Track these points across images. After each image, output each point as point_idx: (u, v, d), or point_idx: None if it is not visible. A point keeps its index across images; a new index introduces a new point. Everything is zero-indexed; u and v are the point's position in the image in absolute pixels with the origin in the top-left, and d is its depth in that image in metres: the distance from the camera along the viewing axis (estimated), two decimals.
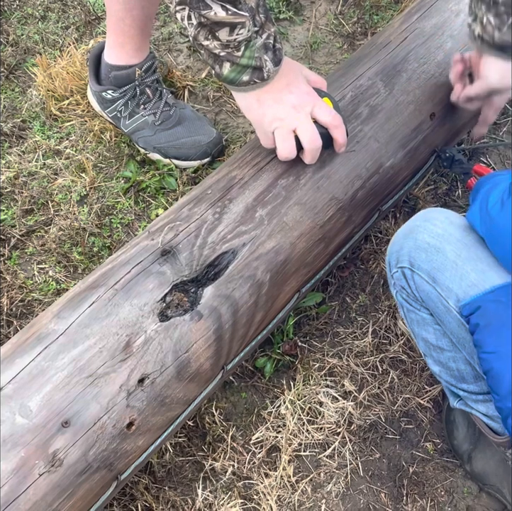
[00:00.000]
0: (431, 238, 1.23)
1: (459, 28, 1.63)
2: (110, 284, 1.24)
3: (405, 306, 1.32)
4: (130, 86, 1.75)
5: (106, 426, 1.14)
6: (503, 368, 1.12)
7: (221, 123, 1.91)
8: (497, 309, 1.14)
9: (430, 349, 1.32)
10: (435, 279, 1.21)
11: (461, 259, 1.19)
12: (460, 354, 1.26)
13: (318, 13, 2.14)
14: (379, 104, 1.51)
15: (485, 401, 1.27)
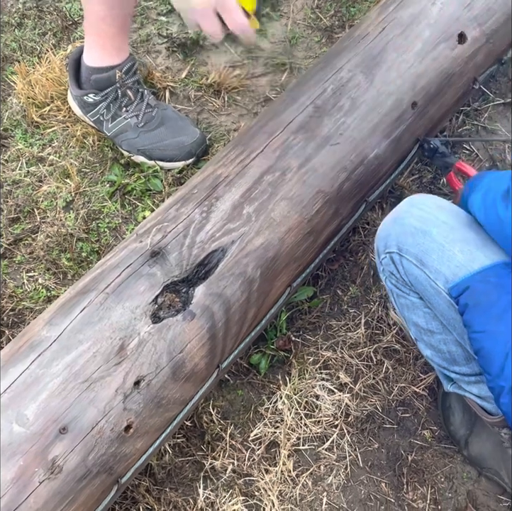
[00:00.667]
0: (418, 222, 1.24)
1: (436, 17, 1.64)
2: (101, 288, 1.24)
3: (395, 292, 1.33)
4: (112, 89, 1.74)
5: (104, 430, 1.14)
6: (493, 347, 1.13)
7: (204, 123, 1.90)
8: (485, 288, 1.14)
9: (421, 333, 1.33)
10: (423, 262, 1.22)
11: (448, 241, 1.20)
12: (451, 336, 1.27)
13: (295, 7, 2.14)
14: (361, 96, 1.51)
15: (477, 382, 1.28)
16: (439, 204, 1.27)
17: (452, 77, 1.63)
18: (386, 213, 1.71)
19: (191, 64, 2.00)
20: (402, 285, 1.29)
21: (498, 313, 1.12)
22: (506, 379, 1.12)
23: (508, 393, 1.13)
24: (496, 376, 1.14)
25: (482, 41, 1.69)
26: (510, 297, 1.12)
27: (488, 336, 1.13)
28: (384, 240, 1.30)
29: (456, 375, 1.32)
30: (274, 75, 1.99)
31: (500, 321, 1.12)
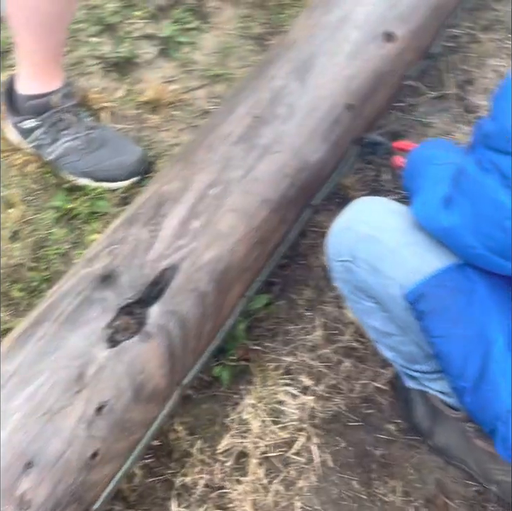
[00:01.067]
0: (368, 228, 1.24)
1: (363, 18, 1.67)
2: (54, 317, 1.23)
3: (350, 298, 1.33)
4: (49, 114, 1.73)
5: (70, 460, 1.13)
6: (452, 350, 1.15)
7: (145, 140, 1.90)
8: (441, 293, 1.15)
9: (379, 336, 1.35)
10: (376, 269, 1.22)
11: (400, 246, 1.20)
12: (409, 337, 1.28)
13: (224, 18, 2.15)
14: (296, 102, 1.53)
15: (438, 379, 1.30)
16: (387, 207, 1.27)
17: (383, 75, 1.67)
18: (332, 215, 1.73)
19: (126, 83, 2.00)
20: (357, 291, 1.30)
21: (454, 317, 1.14)
22: (467, 379, 1.14)
23: (470, 393, 1.15)
24: (457, 377, 1.16)
25: (409, 38, 1.73)
26: (465, 299, 1.14)
27: (447, 340, 1.15)
28: (335, 247, 1.30)
29: (417, 373, 1.34)
30: (210, 87, 2.01)
31: (457, 324, 1.14)
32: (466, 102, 1.97)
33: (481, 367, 1.13)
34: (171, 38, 2.08)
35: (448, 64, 2.02)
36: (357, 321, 1.57)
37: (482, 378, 1.13)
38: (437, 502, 1.40)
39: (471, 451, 1.37)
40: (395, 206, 1.27)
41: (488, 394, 1.13)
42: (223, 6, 2.17)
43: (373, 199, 1.33)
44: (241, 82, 1.63)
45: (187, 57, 2.06)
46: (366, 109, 1.65)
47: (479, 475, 1.39)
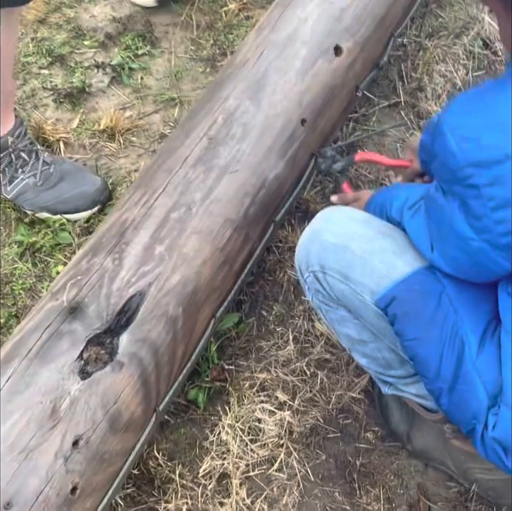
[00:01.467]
0: (335, 238, 1.25)
1: (310, 34, 1.68)
2: (23, 353, 1.21)
3: (323, 308, 1.34)
4: (5, 154, 1.71)
5: (50, 496, 1.12)
6: (427, 352, 1.16)
7: (103, 168, 1.90)
8: (411, 297, 1.17)
9: (353, 344, 1.35)
10: (347, 277, 1.24)
11: (367, 253, 1.22)
12: (383, 343, 1.29)
13: (174, 42, 2.16)
14: (251, 121, 1.54)
15: (414, 382, 1.31)
16: (351, 215, 1.29)
17: (334, 89, 1.68)
18: (295, 229, 1.75)
19: (81, 113, 1.99)
20: (329, 301, 1.31)
21: (426, 319, 1.16)
22: (444, 380, 1.16)
23: (446, 394, 1.16)
24: (433, 379, 1.17)
25: (357, 50, 1.75)
26: (435, 301, 1.15)
27: (421, 342, 1.16)
28: (304, 259, 1.30)
29: (393, 378, 1.35)
30: (165, 111, 2.01)
31: (429, 326, 1.15)
32: (417, 109, 2.00)
33: (456, 367, 1.14)
34: (123, 65, 2.07)
35: (398, 72, 2.05)
36: (327, 333, 1.58)
37: (458, 378, 1.14)
38: (420, 506, 1.41)
39: (449, 452, 1.38)
40: (358, 215, 1.29)
41: (464, 394, 1.15)
42: (171, 30, 2.18)
43: (337, 209, 1.34)
44: (195, 105, 1.63)
45: (140, 83, 2.06)
46: (321, 123, 1.66)
47: (459, 475, 1.40)
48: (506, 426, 1.11)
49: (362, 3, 1.76)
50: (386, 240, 1.23)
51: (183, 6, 2.22)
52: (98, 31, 2.15)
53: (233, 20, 2.18)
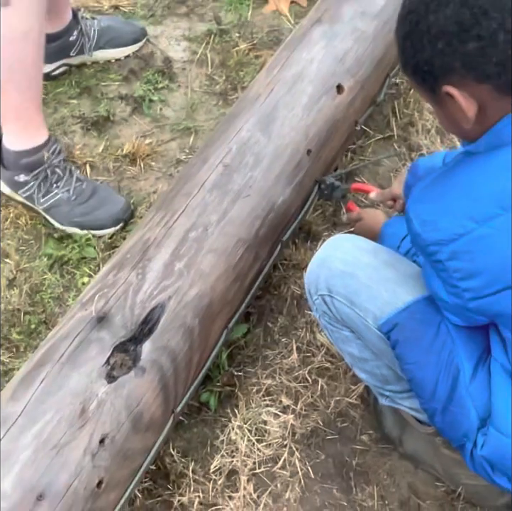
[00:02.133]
0: (343, 266, 1.25)
1: (315, 73, 1.70)
2: (56, 358, 1.21)
3: (329, 328, 1.34)
4: (41, 169, 1.71)
5: (78, 490, 1.11)
6: (424, 376, 1.17)
7: (125, 189, 1.90)
8: (412, 325, 1.18)
9: (355, 361, 1.35)
10: (352, 302, 1.24)
11: (373, 281, 1.22)
12: (382, 362, 1.29)
13: (190, 77, 2.17)
14: (262, 151, 1.54)
15: (409, 397, 1.31)
16: (358, 245, 1.29)
17: (336, 123, 1.69)
18: (299, 248, 1.76)
19: (105, 139, 1.99)
20: (335, 322, 1.30)
21: (425, 346, 1.16)
22: (438, 401, 1.16)
23: (440, 413, 1.17)
24: (428, 400, 1.18)
25: (357, 89, 1.76)
26: (434, 330, 1.16)
27: (419, 366, 1.17)
28: (314, 282, 1.30)
29: (390, 392, 1.35)
30: (181, 139, 2.01)
31: (428, 352, 1.16)
32: (409, 142, 2.01)
33: (450, 390, 1.15)
34: (144, 97, 2.08)
35: (391, 109, 2.06)
36: (327, 344, 1.58)
37: (451, 401, 1.15)
38: (410, 504, 1.41)
39: (438, 457, 1.38)
40: (365, 244, 1.29)
41: (457, 416, 1.15)
42: (188, 66, 2.19)
43: (346, 238, 1.34)
44: (212, 134, 1.64)
45: (159, 114, 2.07)
46: (324, 153, 1.67)
47: (446, 479, 1.40)
48: (494, 447, 1.13)
49: (362, 47, 1.78)
50: (389, 269, 1.24)
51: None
52: (122, 66, 2.16)
53: (243, 59, 2.19)
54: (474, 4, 0.94)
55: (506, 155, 0.99)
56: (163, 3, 2.33)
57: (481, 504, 1.38)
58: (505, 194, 0.98)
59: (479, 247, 1.01)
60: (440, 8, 0.96)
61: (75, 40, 2.02)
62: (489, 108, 1.00)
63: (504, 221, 0.98)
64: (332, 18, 1.79)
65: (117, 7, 2.30)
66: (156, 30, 2.26)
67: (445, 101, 1.02)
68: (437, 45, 0.97)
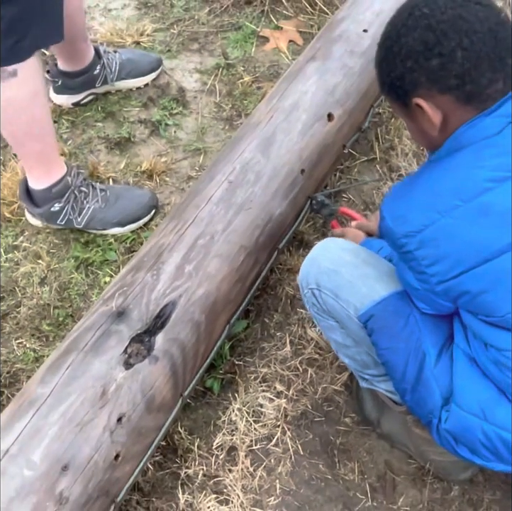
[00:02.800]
0: (330, 264, 1.27)
1: (309, 103, 1.70)
2: (80, 347, 1.22)
3: (317, 318, 1.35)
4: (70, 192, 1.70)
5: (98, 462, 1.12)
6: (395, 360, 1.18)
7: None
8: (385, 316, 1.19)
9: (339, 347, 1.36)
10: (337, 295, 1.25)
11: (354, 277, 1.24)
12: (362, 348, 1.30)
13: (201, 104, 2.17)
14: (262, 170, 1.55)
15: (385, 380, 1.31)
16: (343, 246, 1.31)
17: (327, 147, 1.70)
18: (293, 254, 1.76)
19: (126, 157, 2.00)
20: (322, 313, 1.31)
21: (396, 334, 1.17)
22: (407, 382, 1.17)
23: (409, 393, 1.18)
24: (399, 380, 1.19)
25: (345, 117, 1.77)
26: (404, 320, 1.17)
27: (391, 351, 1.18)
28: (305, 278, 1.32)
29: (369, 376, 1.35)
30: (192, 158, 2.02)
31: (398, 340, 1.17)
32: (390, 164, 2.01)
33: (417, 373, 1.15)
34: (160, 121, 2.08)
35: (375, 135, 2.07)
36: (317, 338, 1.59)
37: (419, 382, 1.16)
38: (387, 478, 1.41)
39: (410, 437, 1.38)
40: (349, 245, 1.31)
41: (423, 395, 1.16)
42: (199, 95, 2.19)
43: (333, 240, 1.37)
44: (218, 155, 1.64)
45: (173, 136, 2.07)
46: (316, 172, 1.68)
47: (416, 456, 1.41)
48: (456, 421, 1.13)
49: (350, 81, 1.78)
50: (368, 267, 1.25)
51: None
52: (142, 94, 2.17)
53: (247, 90, 2.19)
54: (436, 27, 1.00)
55: (464, 155, 1.03)
56: (178, 40, 2.34)
57: (447, 479, 1.39)
58: (464, 188, 1.01)
59: (442, 235, 1.02)
60: (409, 32, 1.02)
61: (98, 74, 2.03)
62: (451, 117, 1.04)
63: (463, 211, 1.01)
64: (325, 55, 1.80)
65: (138, 43, 2.30)
66: (172, 63, 2.27)
67: (416, 113, 1.07)
68: (407, 63, 1.03)
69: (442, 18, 1.00)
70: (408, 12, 1.04)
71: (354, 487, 1.40)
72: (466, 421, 1.12)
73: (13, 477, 1.05)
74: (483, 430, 1.11)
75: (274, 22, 2.39)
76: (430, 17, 1.01)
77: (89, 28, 2.33)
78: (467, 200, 1.00)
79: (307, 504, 1.38)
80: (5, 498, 1.03)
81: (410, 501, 1.38)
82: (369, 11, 1.91)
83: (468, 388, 1.12)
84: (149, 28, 2.34)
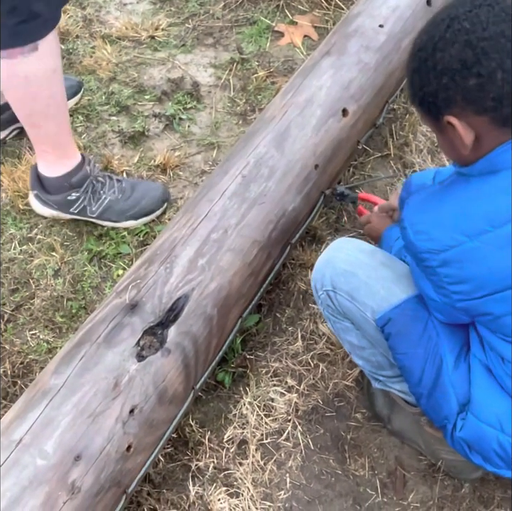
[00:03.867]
0: (346, 265, 1.26)
1: (324, 98, 1.69)
2: (94, 339, 1.22)
3: (331, 319, 1.34)
4: (88, 182, 1.71)
5: (110, 453, 1.12)
6: (412, 365, 1.17)
7: None
8: (404, 320, 1.18)
9: (354, 348, 1.35)
10: (353, 297, 1.24)
11: (371, 279, 1.23)
12: (377, 350, 1.29)
13: (215, 99, 2.17)
14: (276, 164, 1.54)
15: (399, 382, 1.31)
16: (359, 247, 1.29)
17: (341, 142, 1.69)
18: (305, 250, 1.75)
19: (140, 151, 2.00)
20: (337, 314, 1.30)
21: (414, 339, 1.17)
22: (424, 387, 1.17)
23: (425, 397, 1.18)
24: (416, 385, 1.19)
25: (360, 113, 1.76)
26: (422, 325, 1.16)
27: (409, 356, 1.18)
28: (320, 280, 1.30)
29: (383, 377, 1.34)
30: (205, 153, 2.02)
31: (416, 345, 1.17)
32: (404, 160, 2.00)
33: (435, 378, 1.15)
34: (174, 116, 2.08)
35: (389, 131, 2.06)
36: (328, 333, 1.58)
37: (435, 387, 1.15)
38: (397, 474, 1.41)
39: (422, 435, 1.38)
40: (365, 246, 1.29)
41: (439, 400, 1.16)
42: (213, 90, 2.19)
43: (348, 240, 1.35)
44: (232, 149, 1.64)
45: (187, 130, 2.07)
46: (329, 168, 1.67)
47: (428, 453, 1.40)
48: (471, 431, 1.13)
49: (365, 76, 1.77)
50: (386, 269, 1.23)
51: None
52: (156, 88, 2.17)
53: (261, 85, 2.18)
54: (476, 45, 0.94)
55: (500, 180, 0.99)
56: (193, 35, 2.34)
57: (458, 477, 1.38)
58: (496, 214, 0.98)
59: (469, 258, 1.01)
60: (446, 47, 0.96)
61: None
62: (485, 138, 1.00)
63: (492, 237, 0.99)
64: (340, 50, 1.79)
65: (153, 37, 2.30)
66: (186, 58, 2.27)
67: (447, 129, 1.02)
68: (442, 80, 0.98)
69: (484, 35, 0.93)
70: (446, 24, 0.97)
71: (365, 483, 1.40)
72: (483, 431, 1.12)
73: (26, 466, 1.06)
74: (499, 440, 1.11)
75: (289, 17, 2.38)
76: (471, 32, 0.94)
77: (104, 23, 2.34)
78: (498, 226, 0.98)
79: (317, 498, 1.38)
80: (18, 487, 1.04)
81: (421, 497, 1.38)
82: (385, 5, 1.90)
83: (485, 398, 1.12)
84: (164, 23, 2.33)
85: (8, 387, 1.49)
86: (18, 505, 1.02)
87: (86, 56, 2.22)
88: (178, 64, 2.24)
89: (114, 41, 2.28)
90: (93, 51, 2.24)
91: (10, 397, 1.47)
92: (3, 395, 1.48)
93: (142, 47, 2.28)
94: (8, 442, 1.08)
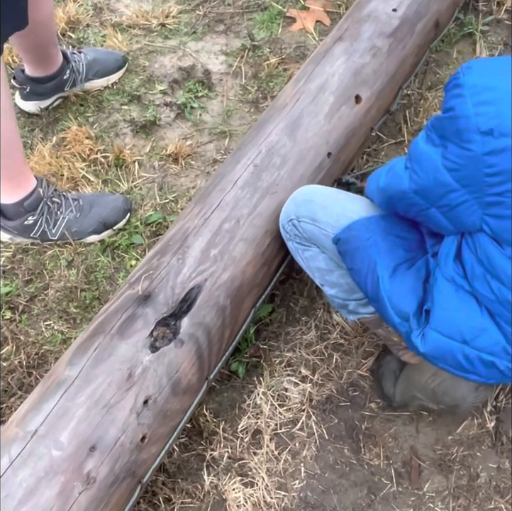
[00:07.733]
0: (304, 196, 1.40)
1: (336, 85, 1.67)
2: (107, 330, 1.23)
3: (299, 249, 1.41)
4: (43, 204, 1.67)
5: (125, 443, 1.13)
6: (358, 279, 1.28)
7: (168, 184, 1.90)
8: (349, 239, 1.28)
9: (323, 275, 1.41)
10: (314, 219, 1.35)
11: (327, 203, 1.36)
12: (344, 270, 1.35)
13: (226, 87, 2.16)
14: (288, 153, 1.53)
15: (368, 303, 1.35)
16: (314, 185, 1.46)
17: (354, 129, 1.67)
18: None
19: (152, 141, 2.00)
20: (304, 241, 1.39)
21: (356, 256, 1.26)
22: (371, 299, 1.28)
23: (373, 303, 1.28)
24: (366, 295, 1.29)
25: (373, 99, 1.74)
26: (362, 244, 1.26)
27: (354, 271, 1.28)
28: (285, 215, 1.41)
29: (355, 301, 1.39)
30: (217, 141, 2.01)
31: (358, 261, 1.26)
32: None
33: (374, 291, 1.24)
34: (186, 104, 2.08)
35: (403, 117, 2.03)
36: (342, 323, 1.58)
37: (377, 299, 1.24)
38: (412, 464, 1.41)
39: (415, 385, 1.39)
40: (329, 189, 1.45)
41: (381, 310, 1.24)
42: (224, 78, 2.17)
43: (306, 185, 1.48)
44: (244, 138, 1.63)
45: (199, 119, 2.06)
46: (343, 156, 1.65)
47: (429, 399, 1.39)
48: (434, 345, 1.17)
49: (378, 62, 1.75)
50: (340, 194, 1.40)
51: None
52: (167, 77, 2.16)
53: (273, 72, 2.17)
54: None
55: None
56: (203, 22, 2.32)
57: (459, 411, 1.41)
58: None
59: None
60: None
61: (68, 78, 1.99)
62: None
63: None
64: (353, 36, 1.77)
65: (164, 25, 2.29)
66: (197, 45, 2.25)
67: None
68: None
69: None
70: None
71: (379, 472, 1.40)
72: (446, 345, 1.16)
73: (41, 457, 1.07)
74: (464, 353, 1.15)
75: (301, 2, 2.35)
76: None
77: (115, 11, 2.33)
78: None
79: (331, 488, 1.38)
80: (34, 478, 1.05)
81: (436, 487, 1.38)
82: None
83: (447, 312, 1.15)
84: (174, 10, 2.32)
85: (24, 377, 1.51)
86: (34, 496, 1.03)
87: (96, 45, 2.21)
88: (189, 51, 2.22)
89: (125, 29, 2.27)
90: (104, 40, 2.23)
91: (26, 387, 1.49)
92: (18, 386, 1.49)
93: (152, 35, 2.27)
94: (24, 433, 1.09)
